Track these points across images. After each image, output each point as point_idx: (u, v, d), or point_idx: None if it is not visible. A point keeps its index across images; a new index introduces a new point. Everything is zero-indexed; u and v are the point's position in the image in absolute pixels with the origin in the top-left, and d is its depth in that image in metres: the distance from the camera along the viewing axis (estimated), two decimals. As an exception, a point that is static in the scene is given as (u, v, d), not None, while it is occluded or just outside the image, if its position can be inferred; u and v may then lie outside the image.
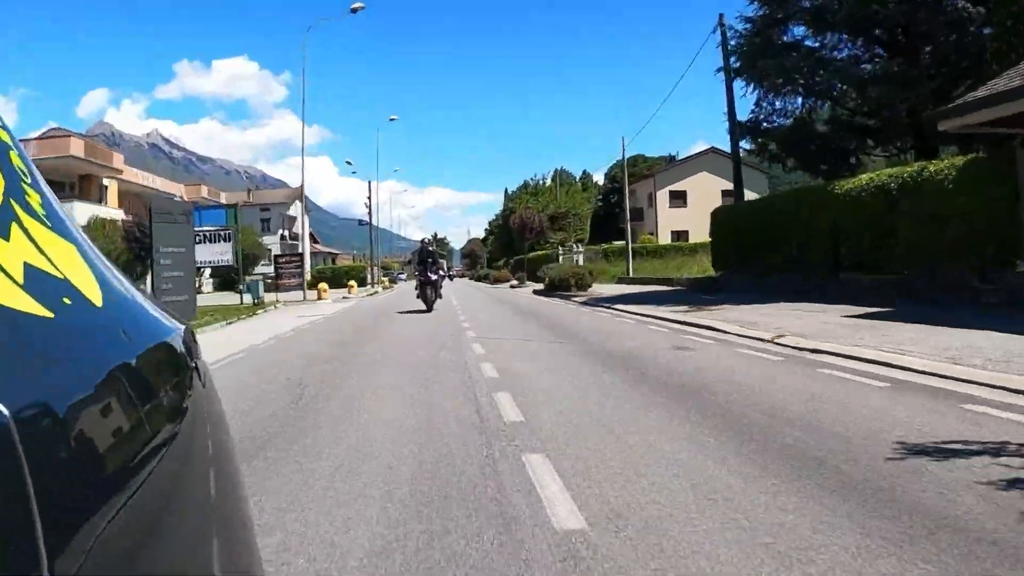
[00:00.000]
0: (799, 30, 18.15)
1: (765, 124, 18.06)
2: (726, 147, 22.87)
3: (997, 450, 3.17)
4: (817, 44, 17.78)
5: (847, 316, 9.73)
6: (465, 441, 3.76)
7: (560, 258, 38.51)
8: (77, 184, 33.20)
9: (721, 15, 19.84)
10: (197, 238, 21.46)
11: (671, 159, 75.03)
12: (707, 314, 11.20)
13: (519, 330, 10.73)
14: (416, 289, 17.20)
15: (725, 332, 8.90)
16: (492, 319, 13.28)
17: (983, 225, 10.09)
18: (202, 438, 0.70)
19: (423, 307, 16.25)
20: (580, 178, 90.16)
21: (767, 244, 15.86)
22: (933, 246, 10.87)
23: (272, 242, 55.28)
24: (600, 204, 73.31)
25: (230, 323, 17.17)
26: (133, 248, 22.48)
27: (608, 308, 14.60)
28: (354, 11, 27.56)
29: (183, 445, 0.62)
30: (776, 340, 7.84)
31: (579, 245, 39.94)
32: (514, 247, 43.67)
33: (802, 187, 16.61)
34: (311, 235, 67.78)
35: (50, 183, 0.74)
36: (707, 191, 43.63)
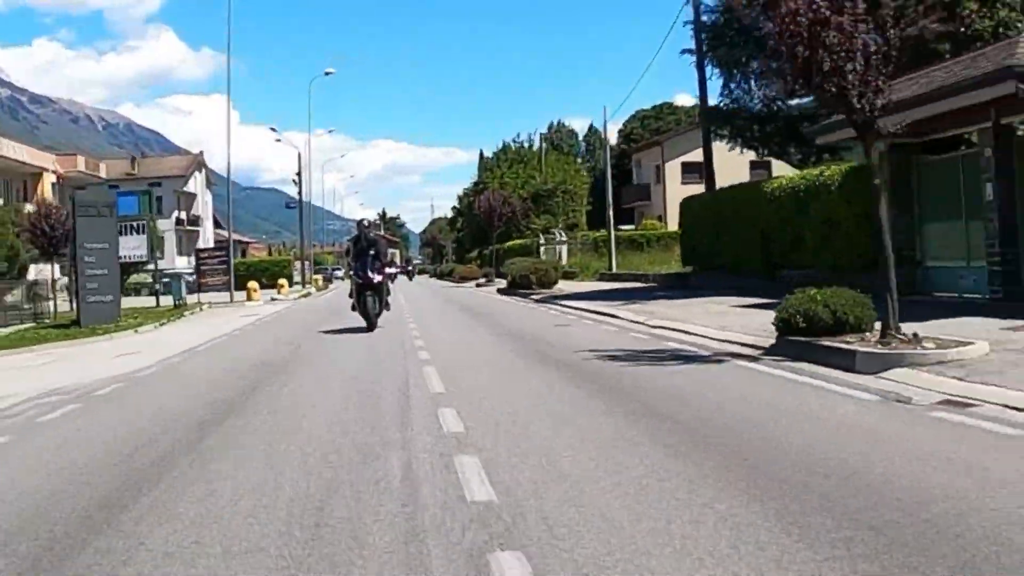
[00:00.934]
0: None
1: (734, 108, 25.27)
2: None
3: (620, 346, 10.34)
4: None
5: (732, 306, 16.95)
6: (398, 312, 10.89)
7: (542, 250, 45.84)
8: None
9: (694, -17, 27.10)
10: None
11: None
12: (629, 307, 18.40)
13: (447, 315, 17.97)
14: (351, 295, 16.61)
15: (617, 317, 16.13)
16: (423, 300, 20.55)
17: (862, 230, 17.29)
18: None
19: (362, 323, 15.89)
20: (585, 136, 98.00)
21: (722, 240, 23.10)
22: (829, 248, 18.10)
23: (166, 228, 62.07)
24: (612, 172, 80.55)
25: (164, 324, 24.28)
26: (39, 243, 29.12)
27: (553, 304, 21.87)
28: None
29: None
30: (644, 322, 15.03)
31: (563, 233, 47.26)
32: (488, 235, 50.77)
33: (739, 184, 23.91)
34: (213, 219, 74.71)
35: None
36: (731, 162, 50.74)
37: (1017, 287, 13.55)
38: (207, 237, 69.78)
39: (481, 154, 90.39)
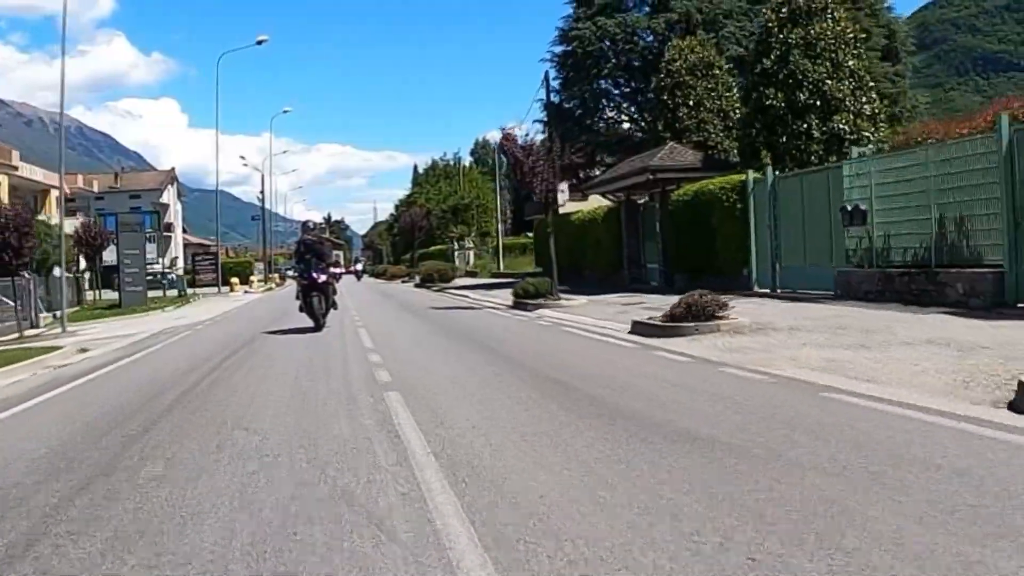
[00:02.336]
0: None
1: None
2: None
3: (449, 305, 21.39)
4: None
5: (537, 290, 28.11)
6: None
7: (455, 254, 56.84)
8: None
9: (546, 72, 38.33)
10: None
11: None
12: (482, 291, 29.37)
13: (365, 290, 28.92)
14: (297, 297, 16.53)
15: (467, 296, 27.14)
16: (360, 291, 31.45)
17: (614, 245, 28.60)
18: None
19: (309, 323, 16.06)
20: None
21: (557, 250, 34.23)
22: (598, 257, 29.39)
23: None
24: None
25: (180, 307, 34.54)
26: (83, 251, 38.94)
27: (442, 292, 32.84)
28: None
29: None
30: (478, 298, 26.04)
31: (473, 241, 58.33)
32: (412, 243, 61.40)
33: (563, 213, 35.12)
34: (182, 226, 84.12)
35: None
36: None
37: (668, 279, 24.84)
38: (178, 242, 79.32)
39: (415, 168, 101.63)
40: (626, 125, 36.12)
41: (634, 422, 5.87)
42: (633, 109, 37.28)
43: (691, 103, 28.37)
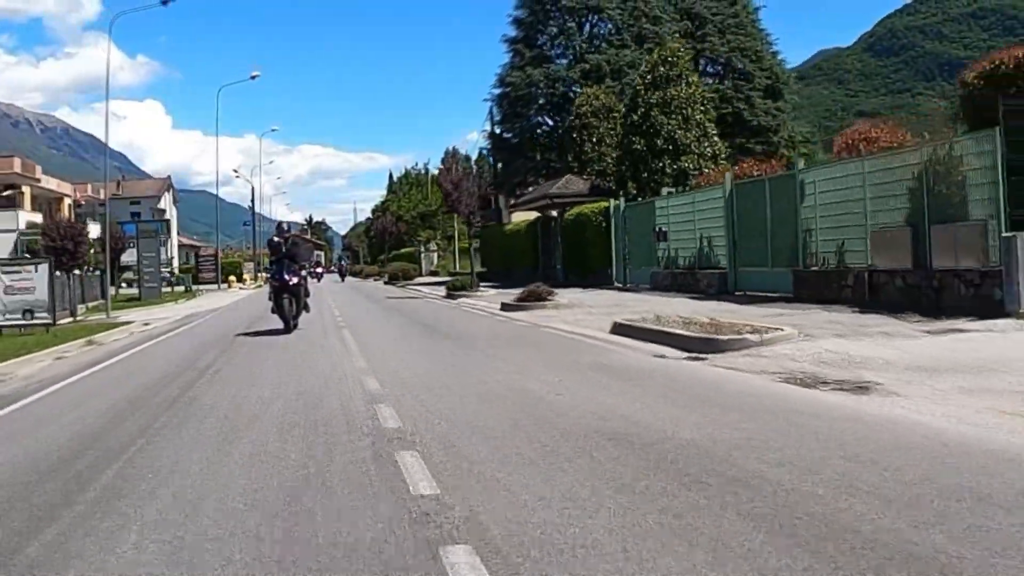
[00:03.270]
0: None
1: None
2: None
3: (401, 296, 29.24)
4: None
5: (473, 286, 36.03)
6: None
7: (422, 256, 64.56)
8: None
9: (491, 109, 46.18)
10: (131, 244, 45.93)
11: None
12: (432, 287, 37.18)
13: (343, 288, 36.81)
14: (270, 299, 16.41)
15: (419, 290, 34.96)
16: (336, 287, 39.35)
17: (533, 251, 36.54)
18: None
19: (280, 325, 15.82)
20: (476, 159, 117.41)
21: (496, 254, 42.16)
22: (522, 260, 37.36)
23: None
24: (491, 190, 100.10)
25: (189, 300, 42.10)
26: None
27: (403, 287, 40.63)
28: None
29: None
30: (426, 291, 33.87)
31: (438, 244, 66.13)
32: (384, 246, 68.97)
33: (499, 223, 43.12)
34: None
35: None
36: (556, 195, 70.63)
37: (565, 277, 32.68)
38: (173, 244, 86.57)
39: (390, 175, 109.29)
40: (551, 154, 44.06)
41: (442, 335, 13.87)
42: (556, 139, 45.12)
43: (594, 140, 36.03)
